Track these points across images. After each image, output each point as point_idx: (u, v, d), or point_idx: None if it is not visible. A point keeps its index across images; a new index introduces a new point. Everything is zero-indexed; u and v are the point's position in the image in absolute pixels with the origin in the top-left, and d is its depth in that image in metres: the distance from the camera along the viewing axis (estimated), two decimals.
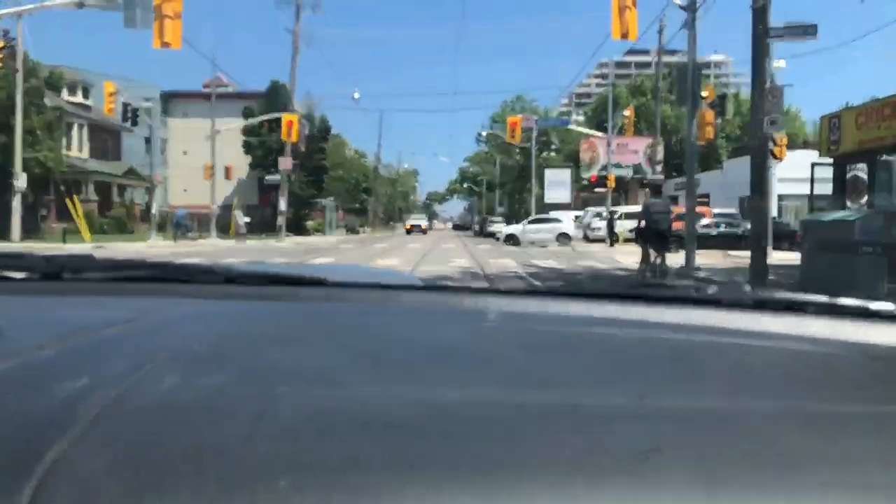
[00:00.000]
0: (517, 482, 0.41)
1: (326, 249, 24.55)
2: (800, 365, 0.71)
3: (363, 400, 0.54)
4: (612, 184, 26.60)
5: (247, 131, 39.78)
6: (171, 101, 44.02)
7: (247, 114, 38.46)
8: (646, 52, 61.37)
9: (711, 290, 0.99)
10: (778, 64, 20.16)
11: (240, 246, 25.56)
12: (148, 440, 0.46)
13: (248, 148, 39.14)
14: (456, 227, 77.16)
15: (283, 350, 0.69)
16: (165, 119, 43.43)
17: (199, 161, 39.69)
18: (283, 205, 27.57)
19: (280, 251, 22.80)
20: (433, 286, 1.24)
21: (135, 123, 25.20)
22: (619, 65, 70.63)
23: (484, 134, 49.08)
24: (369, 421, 0.49)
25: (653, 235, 11.63)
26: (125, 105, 24.60)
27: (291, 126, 26.03)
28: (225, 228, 34.30)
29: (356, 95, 29.07)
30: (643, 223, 11.68)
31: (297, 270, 1.35)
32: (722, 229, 25.01)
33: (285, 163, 27.34)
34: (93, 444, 0.45)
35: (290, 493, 0.39)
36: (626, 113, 23.60)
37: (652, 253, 11.79)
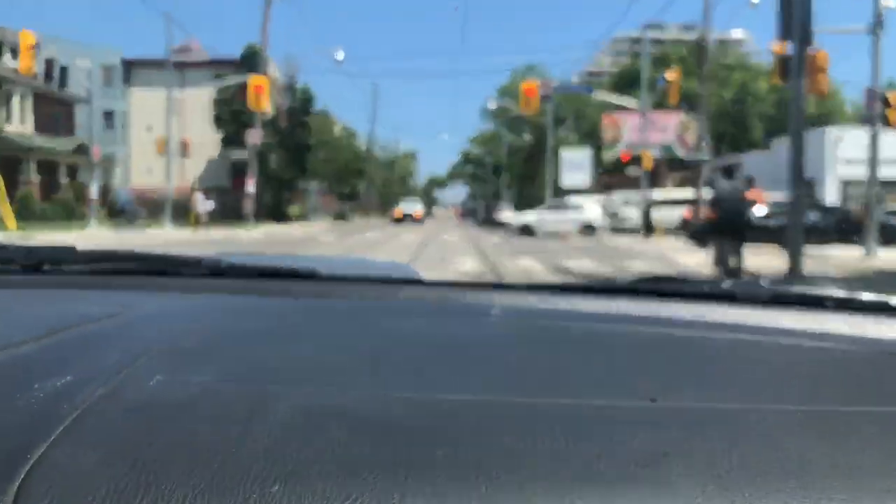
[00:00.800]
0: (520, 489, 0.40)
1: (298, 241, 19.74)
2: (817, 362, 0.68)
3: (358, 399, 0.52)
4: (648, 164, 21.63)
5: (218, 103, 34.75)
6: (133, 68, 38.67)
7: (218, 83, 33.46)
8: (660, 28, 57.13)
9: (726, 284, 0.95)
10: (887, 2, 15.16)
11: (192, 237, 20.71)
12: (135, 438, 0.45)
13: (218, 122, 34.06)
14: (466, 215, 70.32)
15: (273, 346, 0.67)
16: (128, 89, 38.29)
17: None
18: (251, 187, 22.57)
19: (237, 244, 17.96)
20: (432, 281, 1.12)
21: (63, 85, 20.28)
22: (634, 41, 66.42)
23: (493, 106, 43.54)
24: (365, 422, 0.48)
25: (728, 229, 9.12)
26: (49, 62, 19.61)
27: (261, 92, 20.96)
28: (198, 217, 29.83)
29: (339, 57, 23.80)
30: (714, 213, 9.26)
31: (289, 263, 1.27)
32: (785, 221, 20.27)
33: (254, 136, 22.34)
34: (78, 443, 0.44)
35: (282, 495, 0.38)
36: (670, 77, 18.33)
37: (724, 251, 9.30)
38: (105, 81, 37.91)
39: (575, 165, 35.26)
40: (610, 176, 39.28)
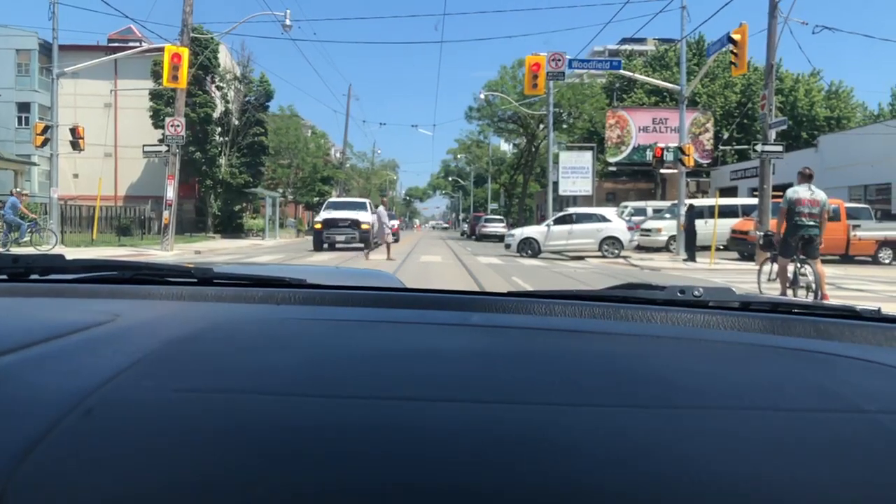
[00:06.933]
0: (502, 495, 0.41)
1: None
2: (785, 364, 0.71)
3: (340, 406, 0.53)
4: (690, 162, 16.88)
5: (155, 95, 29.52)
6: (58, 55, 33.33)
7: (157, 73, 28.27)
8: (642, 41, 53.94)
9: (697, 292, 0.96)
10: None
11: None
12: (120, 447, 0.45)
13: (156, 117, 28.83)
14: (446, 227, 64.32)
15: (260, 354, 0.67)
16: (50, 79, 32.84)
17: (96, 136, 29.55)
18: (170, 193, 17.42)
19: None
20: (416, 289, 1.11)
21: None
22: (612, 53, 63.52)
23: (483, 96, 38.52)
24: (347, 428, 0.49)
25: (801, 241, 7.43)
26: None
27: (179, 63, 15.95)
28: (127, 230, 24.65)
29: (287, 22, 18.77)
30: (784, 225, 7.57)
31: (277, 272, 1.26)
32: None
33: (173, 125, 17.24)
34: (62, 451, 0.44)
35: (266, 497, 0.39)
36: (736, 36, 13.59)
37: (795, 267, 7.49)
38: (20, 69, 32.58)
39: (576, 170, 30.46)
40: (614, 182, 34.78)
